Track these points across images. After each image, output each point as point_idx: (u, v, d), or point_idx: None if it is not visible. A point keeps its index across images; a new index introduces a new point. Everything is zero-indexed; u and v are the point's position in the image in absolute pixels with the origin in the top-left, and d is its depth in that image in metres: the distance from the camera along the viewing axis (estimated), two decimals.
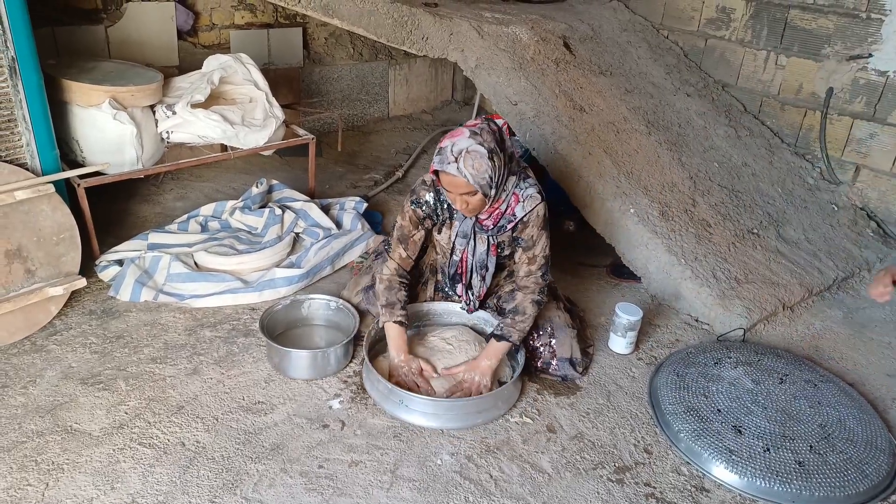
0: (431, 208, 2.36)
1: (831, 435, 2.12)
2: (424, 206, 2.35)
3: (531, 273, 2.34)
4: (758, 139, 3.77)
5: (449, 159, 2.09)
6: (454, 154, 2.09)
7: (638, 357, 2.58)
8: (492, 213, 2.28)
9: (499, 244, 2.37)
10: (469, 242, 2.37)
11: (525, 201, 2.27)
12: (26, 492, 1.80)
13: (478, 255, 2.39)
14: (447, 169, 2.09)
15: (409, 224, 2.38)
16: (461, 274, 2.47)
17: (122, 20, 3.63)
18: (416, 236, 2.39)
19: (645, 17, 4.28)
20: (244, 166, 3.93)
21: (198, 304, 2.64)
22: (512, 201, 2.27)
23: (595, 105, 3.41)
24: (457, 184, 2.11)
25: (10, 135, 2.41)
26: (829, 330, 2.84)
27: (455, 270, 2.47)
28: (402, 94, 5.09)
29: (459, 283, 2.50)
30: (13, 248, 2.36)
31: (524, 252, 2.33)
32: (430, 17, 3.29)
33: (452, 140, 2.12)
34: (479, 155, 2.09)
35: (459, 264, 2.44)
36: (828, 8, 3.52)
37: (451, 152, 2.10)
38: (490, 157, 2.10)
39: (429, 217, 2.37)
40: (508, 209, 2.28)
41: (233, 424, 2.08)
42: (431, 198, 2.35)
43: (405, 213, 2.38)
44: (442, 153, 2.12)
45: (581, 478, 2.00)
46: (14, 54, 2.33)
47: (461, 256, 2.42)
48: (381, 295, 2.38)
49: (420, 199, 2.35)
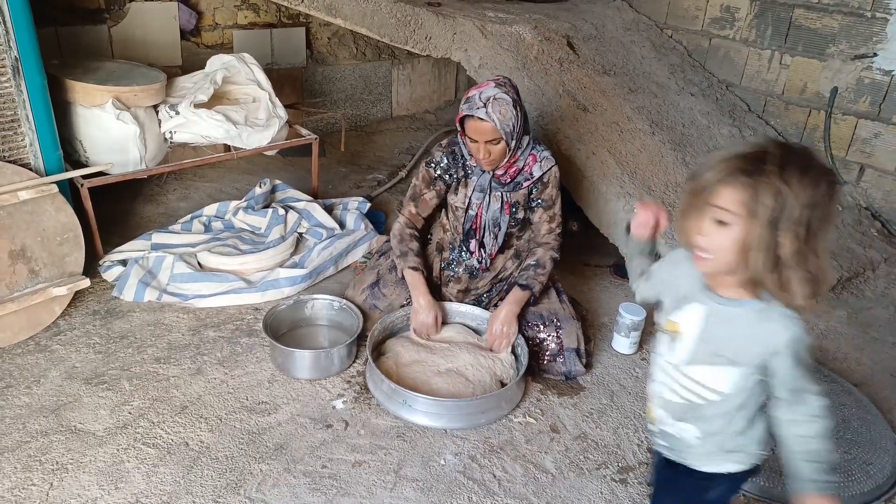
0: (444, 169, 2.47)
1: (836, 436, 2.11)
2: (437, 166, 2.48)
3: (552, 231, 2.50)
4: (762, 139, 3.75)
5: (477, 104, 2.23)
6: (482, 101, 2.23)
7: (641, 357, 2.57)
8: (508, 168, 2.42)
9: (513, 204, 2.48)
10: (485, 197, 2.47)
11: (542, 161, 2.44)
12: (30, 491, 1.80)
13: (491, 212, 2.49)
14: (476, 113, 2.22)
15: (422, 183, 2.51)
16: (475, 230, 2.55)
17: (125, 20, 3.63)
18: (428, 195, 2.52)
19: (649, 17, 4.27)
20: (247, 166, 3.94)
21: (201, 304, 2.64)
22: (529, 160, 2.43)
23: (599, 104, 3.41)
24: (484, 129, 2.24)
25: (13, 135, 2.41)
26: (833, 330, 2.84)
27: (470, 226, 2.55)
28: (405, 94, 5.09)
29: (473, 239, 2.58)
30: (17, 248, 2.37)
31: (545, 211, 2.48)
32: (434, 16, 3.28)
33: (479, 90, 2.27)
34: (505, 102, 2.24)
35: (475, 220, 2.52)
36: (833, 7, 3.51)
37: (480, 99, 2.24)
38: (514, 106, 2.26)
39: (441, 178, 2.49)
40: (526, 167, 2.43)
41: (236, 424, 2.08)
42: (446, 159, 2.47)
43: (419, 173, 2.52)
44: (470, 101, 2.25)
45: (584, 478, 2.00)
46: (17, 54, 2.34)
47: (477, 211, 2.50)
48: (394, 247, 2.51)
49: (434, 159, 2.49)
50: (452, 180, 2.50)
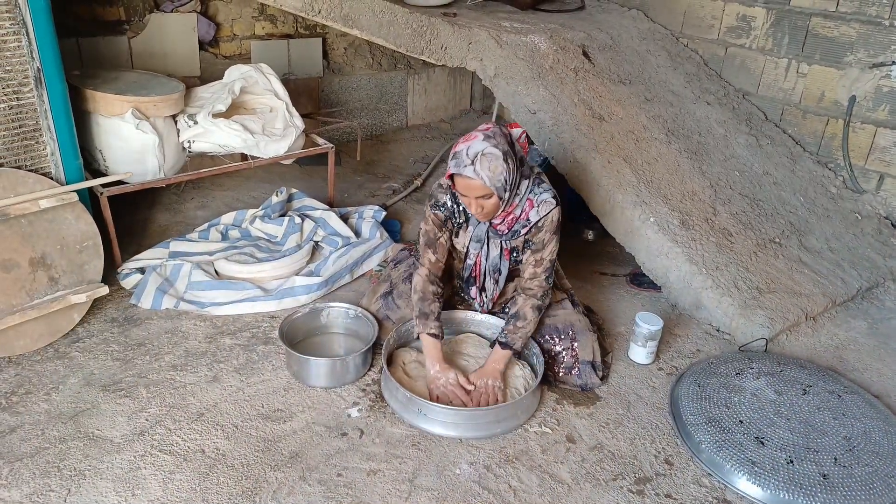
0: (449, 210, 2.37)
1: (856, 447, 2.08)
2: (443, 208, 2.37)
3: (536, 275, 2.35)
4: (779, 148, 3.73)
5: (465, 162, 2.12)
6: (470, 157, 2.12)
7: (658, 367, 2.55)
8: (505, 217, 2.30)
9: (512, 249, 2.39)
10: (483, 247, 2.39)
11: (539, 206, 2.28)
12: (49, 497, 1.81)
13: (491, 259, 2.41)
14: (464, 172, 2.11)
15: (434, 227, 2.39)
16: (475, 277, 2.48)
17: (144, 31, 3.68)
18: (442, 239, 2.40)
19: (664, 26, 4.26)
20: (264, 175, 3.96)
21: (218, 311, 2.66)
22: (526, 206, 2.29)
23: (614, 114, 3.40)
24: (473, 187, 2.13)
25: (35, 144, 2.45)
26: (853, 340, 2.80)
27: (469, 273, 2.48)
28: (420, 104, 5.11)
29: (473, 286, 2.52)
30: (37, 256, 2.39)
31: (532, 254, 2.35)
32: (449, 26, 3.30)
33: (467, 144, 2.14)
34: (494, 157, 2.12)
35: (473, 268, 2.46)
36: (850, 16, 3.49)
37: (467, 155, 2.12)
38: (505, 160, 2.13)
39: (448, 219, 2.39)
40: (523, 214, 2.30)
41: (252, 432, 2.09)
42: (449, 200, 2.37)
43: (427, 217, 2.39)
44: (457, 157, 2.14)
45: (601, 489, 1.98)
46: (40, 65, 2.37)
47: (475, 260, 2.43)
48: (414, 305, 2.37)
49: (438, 201, 2.37)
50: (455, 224, 2.41)
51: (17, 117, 2.38)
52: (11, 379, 2.25)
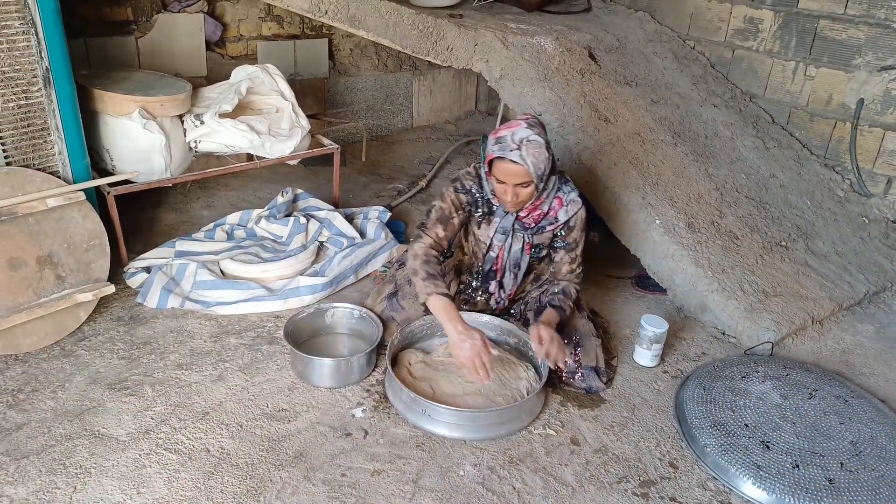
0: (473, 197, 2.38)
1: (863, 452, 2.08)
2: (467, 193, 2.38)
3: (572, 271, 2.46)
4: (786, 150, 3.72)
5: (510, 146, 2.14)
6: (515, 142, 2.14)
7: (663, 370, 2.55)
8: (532, 211, 2.34)
9: (535, 245, 2.42)
10: (507, 239, 2.41)
11: (568, 205, 2.36)
12: (54, 495, 1.82)
13: (513, 253, 2.44)
14: (509, 155, 2.13)
15: (451, 206, 2.38)
16: (496, 270, 2.49)
17: (152, 31, 3.69)
18: (456, 220, 2.39)
19: (671, 28, 4.25)
20: (270, 175, 3.97)
21: (223, 311, 2.66)
22: (555, 204, 2.35)
23: (620, 115, 3.40)
24: (515, 172, 2.16)
25: (43, 143, 2.46)
26: (859, 345, 2.79)
27: (490, 266, 2.49)
28: (425, 105, 5.11)
29: (493, 280, 2.52)
30: (44, 254, 2.40)
31: (567, 253, 2.43)
32: (455, 27, 3.30)
33: (511, 130, 2.17)
34: (538, 145, 2.16)
35: (496, 261, 2.46)
36: (858, 18, 3.48)
37: (513, 140, 2.15)
38: (547, 149, 2.18)
39: (469, 205, 2.40)
40: (551, 211, 2.35)
41: (257, 431, 2.09)
42: (475, 188, 2.37)
43: (446, 196, 2.38)
44: (502, 142, 2.16)
45: (605, 491, 1.98)
46: (48, 64, 2.39)
47: (498, 253, 2.44)
48: (418, 269, 2.27)
49: (464, 185, 2.38)
50: (476, 213, 2.42)
51: (26, 116, 2.40)
52: (18, 376, 2.26)
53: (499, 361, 2.37)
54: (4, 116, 2.34)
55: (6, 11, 2.25)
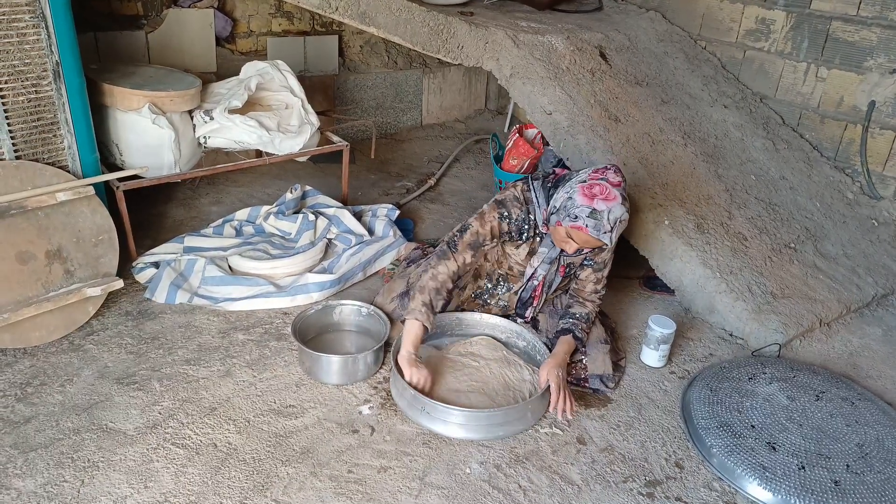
0: (517, 225, 2.33)
1: (869, 454, 2.07)
2: (511, 222, 2.32)
3: (596, 291, 2.46)
4: (796, 152, 3.70)
5: (605, 228, 2.08)
6: (610, 223, 2.08)
7: (670, 371, 2.54)
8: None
9: (568, 265, 2.42)
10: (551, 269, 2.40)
11: None
12: (62, 488, 1.83)
13: (549, 275, 2.43)
14: (602, 238, 2.08)
15: (488, 234, 2.32)
16: (535, 297, 2.48)
17: (162, 26, 3.70)
18: (488, 247, 2.37)
19: (682, 28, 4.24)
20: (278, 172, 3.98)
21: (231, 307, 2.67)
22: None
23: (630, 115, 3.39)
24: (596, 245, 2.15)
25: (52, 137, 2.47)
26: (867, 347, 2.78)
27: (530, 294, 2.48)
28: (435, 103, 5.11)
29: (531, 307, 2.52)
30: (53, 248, 2.41)
31: (594, 272, 2.43)
32: (466, 25, 3.30)
33: (608, 205, 2.08)
34: (625, 223, 2.13)
35: (535, 289, 2.46)
36: (871, 20, 3.46)
37: (608, 220, 2.08)
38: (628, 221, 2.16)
39: (509, 233, 2.35)
40: None
41: (264, 427, 2.10)
42: (521, 216, 2.32)
43: (487, 220, 2.32)
44: (597, 219, 2.07)
45: (611, 491, 1.98)
46: (58, 59, 2.39)
47: (539, 282, 2.43)
48: (427, 290, 2.27)
49: (510, 213, 2.32)
50: (518, 236, 2.36)
51: (36, 110, 2.40)
52: (27, 370, 2.28)
53: (504, 363, 2.38)
54: (14, 110, 2.35)
55: (17, 5, 2.26)
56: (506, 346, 2.49)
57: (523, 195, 2.33)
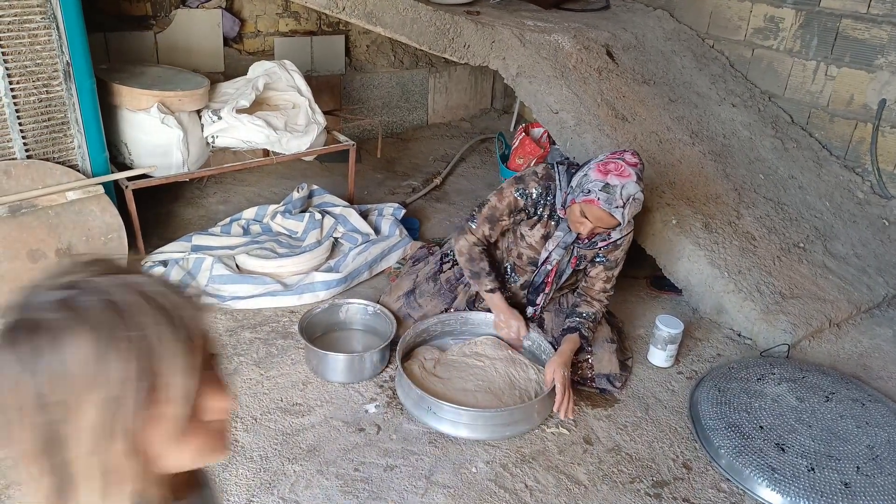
0: (533, 202, 2.32)
1: (879, 456, 2.05)
2: (528, 198, 2.32)
3: (605, 290, 2.43)
4: (805, 151, 3.68)
5: (617, 202, 2.06)
6: (623, 198, 2.06)
7: (678, 371, 2.53)
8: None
9: (580, 257, 2.40)
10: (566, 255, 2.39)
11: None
12: None
13: (562, 262, 2.41)
14: (614, 213, 2.06)
15: (505, 208, 2.34)
16: (547, 283, 2.46)
17: (170, 27, 3.72)
18: (505, 222, 2.37)
19: (690, 26, 4.22)
20: (285, 171, 3.98)
21: (238, 305, 2.68)
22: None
23: (638, 114, 3.38)
24: (608, 223, 2.13)
25: (63, 137, 2.48)
26: (877, 348, 2.76)
27: (542, 280, 2.46)
28: (441, 102, 5.10)
29: (542, 293, 2.49)
30: (63, 247, 2.43)
31: (605, 270, 2.39)
32: (472, 24, 3.29)
33: (622, 181, 2.07)
34: (640, 202, 2.11)
35: (548, 274, 2.44)
36: (882, 18, 3.43)
37: (621, 195, 2.06)
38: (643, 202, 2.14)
39: (525, 210, 2.35)
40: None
41: (271, 425, 2.10)
42: (537, 190, 2.31)
43: (504, 196, 2.33)
44: (610, 192, 2.06)
45: (618, 491, 1.97)
46: (69, 59, 2.41)
47: (553, 267, 2.41)
48: (464, 266, 2.42)
49: (527, 189, 2.31)
50: (533, 215, 2.35)
51: (46, 110, 2.42)
52: None
53: (510, 362, 2.37)
54: (26, 110, 2.36)
55: (29, 6, 2.28)
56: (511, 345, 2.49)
57: (546, 171, 2.33)
